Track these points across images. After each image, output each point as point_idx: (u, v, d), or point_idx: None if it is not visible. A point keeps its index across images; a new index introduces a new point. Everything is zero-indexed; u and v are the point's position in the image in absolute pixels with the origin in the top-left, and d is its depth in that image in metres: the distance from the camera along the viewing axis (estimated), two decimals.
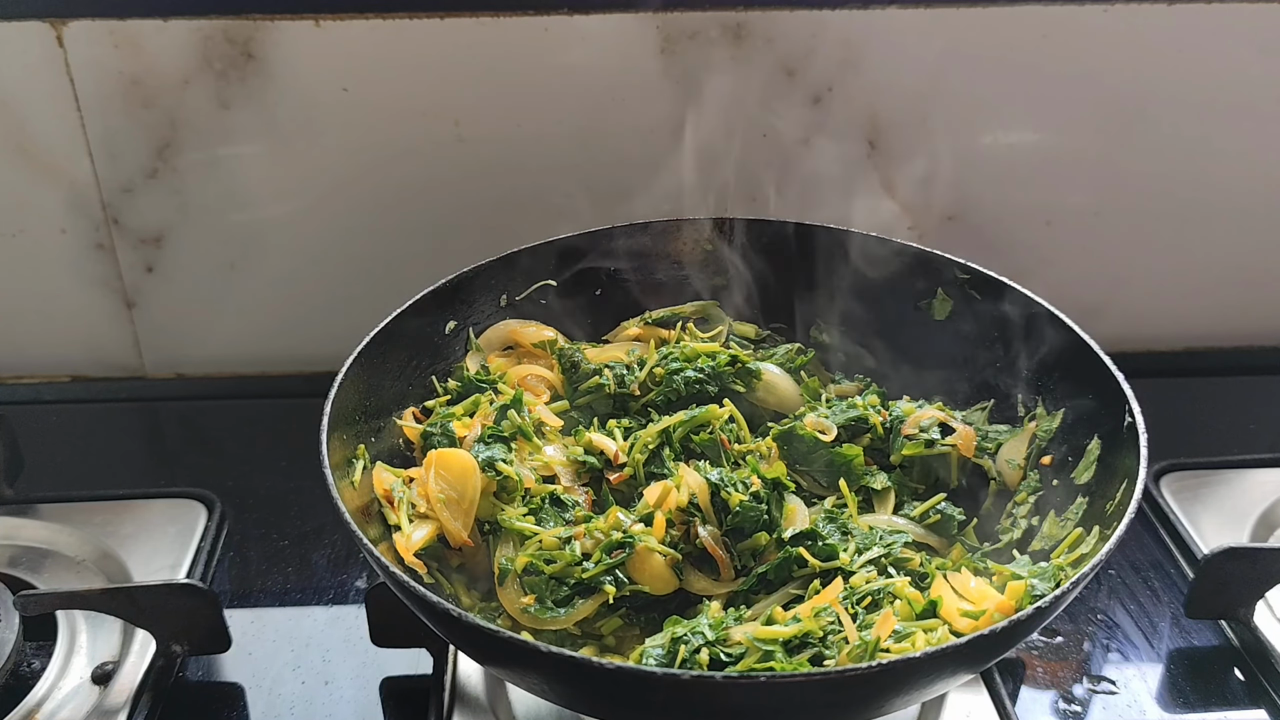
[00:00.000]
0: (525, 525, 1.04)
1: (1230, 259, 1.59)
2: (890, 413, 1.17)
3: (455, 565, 1.07)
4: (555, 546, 1.02)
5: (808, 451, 1.14)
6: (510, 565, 1.02)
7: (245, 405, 1.56)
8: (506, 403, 1.14)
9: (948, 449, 1.14)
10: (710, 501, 1.05)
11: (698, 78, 1.42)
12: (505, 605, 1.02)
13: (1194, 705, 1.10)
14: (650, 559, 1.01)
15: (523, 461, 1.11)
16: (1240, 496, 1.32)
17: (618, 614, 1.01)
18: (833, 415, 1.17)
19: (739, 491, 1.04)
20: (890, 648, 0.89)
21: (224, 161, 1.45)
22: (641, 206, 1.32)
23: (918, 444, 1.14)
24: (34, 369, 1.59)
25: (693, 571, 1.04)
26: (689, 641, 0.91)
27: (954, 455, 1.15)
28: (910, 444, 1.15)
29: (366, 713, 1.10)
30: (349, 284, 1.52)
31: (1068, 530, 1.04)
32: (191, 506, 1.32)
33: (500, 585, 1.02)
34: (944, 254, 1.22)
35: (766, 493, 1.05)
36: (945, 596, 0.95)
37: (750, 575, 1.02)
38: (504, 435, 1.11)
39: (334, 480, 0.95)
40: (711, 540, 1.03)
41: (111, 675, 1.11)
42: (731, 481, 1.05)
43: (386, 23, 1.37)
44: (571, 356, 1.22)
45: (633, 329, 1.29)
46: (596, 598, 1.00)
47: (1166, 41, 1.42)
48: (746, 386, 1.21)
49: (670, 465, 1.11)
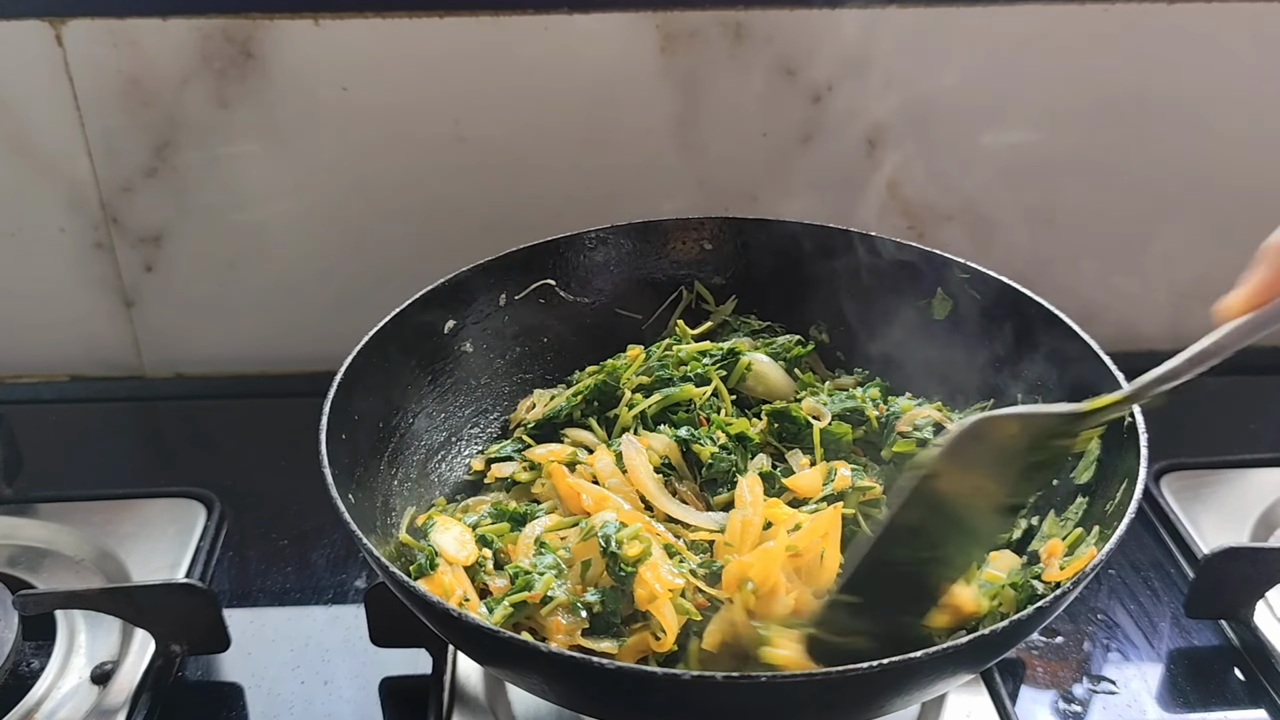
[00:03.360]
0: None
1: (1230, 259, 1.59)
2: (888, 408, 1.18)
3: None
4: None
5: (798, 432, 1.14)
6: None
7: (245, 405, 1.56)
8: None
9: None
10: (683, 458, 1.11)
11: (698, 77, 1.42)
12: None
13: (1194, 705, 1.10)
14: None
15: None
16: (1240, 496, 1.32)
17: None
18: (830, 404, 1.17)
19: (710, 445, 1.10)
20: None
21: (223, 161, 1.45)
22: (641, 206, 1.32)
23: (910, 441, 1.14)
24: (33, 368, 1.59)
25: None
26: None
27: None
28: (903, 441, 1.14)
29: (366, 713, 1.10)
30: (349, 284, 1.52)
31: (1068, 530, 1.04)
32: (191, 506, 1.32)
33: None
34: (944, 254, 1.22)
35: (734, 445, 1.11)
36: None
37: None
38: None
39: (334, 482, 0.95)
40: (692, 495, 1.08)
41: (111, 675, 1.10)
42: (699, 438, 1.11)
43: (386, 22, 1.37)
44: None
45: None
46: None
47: (1166, 41, 1.42)
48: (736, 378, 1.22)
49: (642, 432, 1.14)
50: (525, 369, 1.28)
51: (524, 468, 1.15)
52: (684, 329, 1.29)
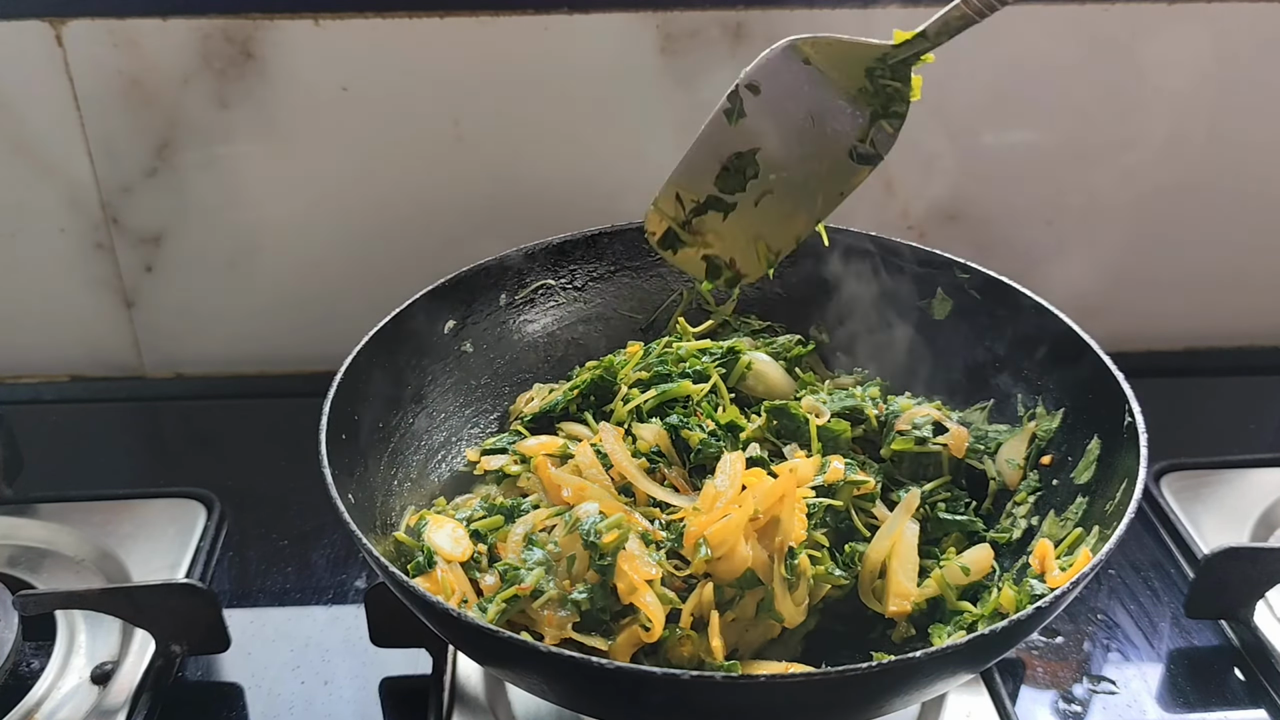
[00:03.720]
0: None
1: (1230, 259, 1.59)
2: (887, 407, 1.18)
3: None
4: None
5: (796, 429, 1.14)
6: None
7: (245, 405, 1.56)
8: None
9: (938, 448, 1.14)
10: (672, 445, 1.12)
11: (698, 77, 1.42)
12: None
13: (1194, 705, 1.10)
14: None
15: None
16: (1240, 496, 1.32)
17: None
18: (830, 403, 1.17)
19: (699, 431, 1.12)
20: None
21: (223, 161, 1.45)
22: (641, 206, 1.31)
23: (908, 440, 1.14)
24: (33, 368, 1.59)
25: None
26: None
27: (945, 455, 1.15)
28: (901, 439, 1.14)
29: (366, 713, 1.10)
30: (349, 284, 1.52)
31: (1068, 530, 1.04)
32: (191, 506, 1.32)
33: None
34: (944, 254, 1.22)
35: (722, 433, 1.13)
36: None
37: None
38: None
39: (334, 482, 0.95)
40: (681, 481, 1.09)
41: (111, 675, 1.10)
42: (689, 425, 1.13)
43: (386, 22, 1.37)
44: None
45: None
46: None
47: (1166, 41, 1.42)
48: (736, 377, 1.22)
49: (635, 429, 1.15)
50: (525, 369, 1.28)
51: (514, 460, 1.14)
52: (684, 326, 1.28)
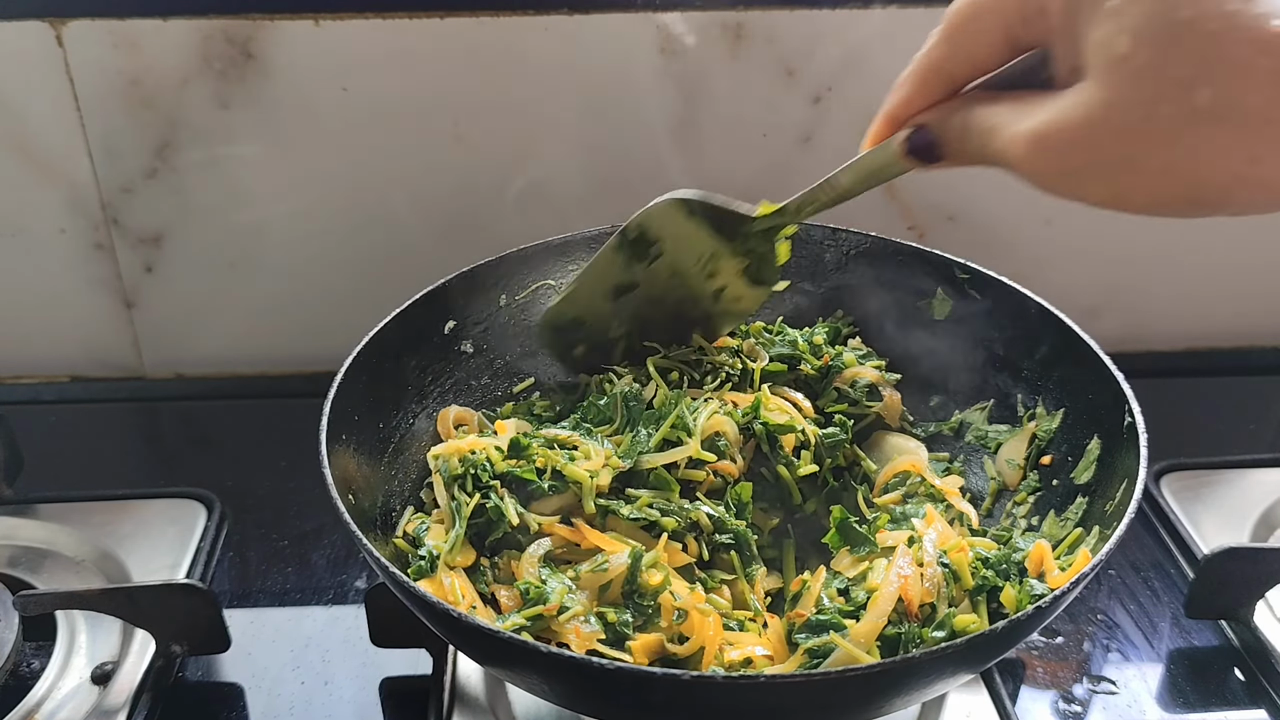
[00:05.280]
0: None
1: (1230, 259, 1.59)
2: (833, 358, 1.20)
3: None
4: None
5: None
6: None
7: (245, 405, 1.56)
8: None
9: (869, 413, 1.19)
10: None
11: (698, 77, 1.42)
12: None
13: (1194, 705, 1.10)
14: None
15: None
16: (1240, 496, 1.32)
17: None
18: (771, 347, 1.20)
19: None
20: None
21: (223, 161, 1.45)
22: (641, 206, 1.32)
23: (843, 403, 1.18)
24: (33, 369, 1.59)
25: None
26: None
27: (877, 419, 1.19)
28: (838, 399, 1.18)
29: (366, 713, 1.10)
30: (349, 284, 1.52)
31: (1068, 530, 1.04)
32: (191, 506, 1.32)
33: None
34: (944, 254, 1.22)
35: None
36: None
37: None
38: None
39: (334, 482, 0.95)
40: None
41: (111, 675, 1.10)
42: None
43: (386, 22, 1.37)
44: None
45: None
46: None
47: None
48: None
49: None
50: (525, 369, 1.28)
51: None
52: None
